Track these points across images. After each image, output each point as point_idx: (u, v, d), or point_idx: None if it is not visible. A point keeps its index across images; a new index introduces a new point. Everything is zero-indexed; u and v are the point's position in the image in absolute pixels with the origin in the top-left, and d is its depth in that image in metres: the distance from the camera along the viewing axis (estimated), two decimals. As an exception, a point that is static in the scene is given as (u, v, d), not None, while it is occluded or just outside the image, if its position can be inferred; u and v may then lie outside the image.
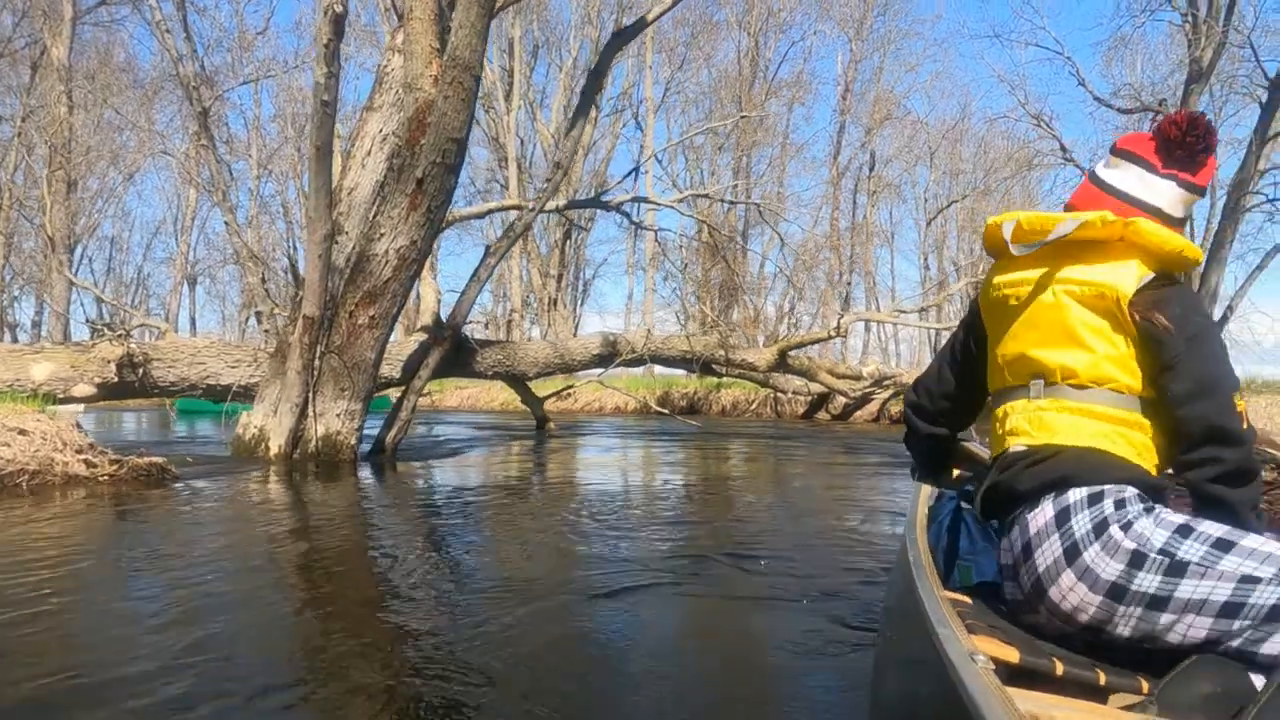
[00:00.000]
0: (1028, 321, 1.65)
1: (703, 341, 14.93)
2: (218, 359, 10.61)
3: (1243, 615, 1.32)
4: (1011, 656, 1.36)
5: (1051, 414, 1.59)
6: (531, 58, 33.30)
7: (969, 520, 1.88)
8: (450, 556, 4.23)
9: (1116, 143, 1.74)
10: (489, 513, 5.93)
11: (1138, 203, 1.66)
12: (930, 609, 1.24)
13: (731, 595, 3.35)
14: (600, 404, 21.97)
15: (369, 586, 3.69)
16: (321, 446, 8.21)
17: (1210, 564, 1.36)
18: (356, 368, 8.15)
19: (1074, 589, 1.45)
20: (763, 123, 33.23)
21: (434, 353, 8.84)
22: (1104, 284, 1.55)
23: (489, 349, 12.86)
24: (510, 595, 3.24)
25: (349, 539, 4.71)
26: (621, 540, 4.56)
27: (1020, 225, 1.66)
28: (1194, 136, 1.63)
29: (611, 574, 3.63)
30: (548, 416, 14.66)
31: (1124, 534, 1.43)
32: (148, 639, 2.63)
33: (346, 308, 8.09)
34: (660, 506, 6.19)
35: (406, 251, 8.04)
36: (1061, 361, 1.59)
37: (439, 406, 24.54)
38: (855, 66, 35.54)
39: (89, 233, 39.17)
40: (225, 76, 26.62)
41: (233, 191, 26.57)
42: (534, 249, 32.38)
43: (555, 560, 4.13)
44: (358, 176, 9.48)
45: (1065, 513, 1.49)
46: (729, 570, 3.75)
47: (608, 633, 2.83)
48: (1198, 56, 27.70)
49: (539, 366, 13.38)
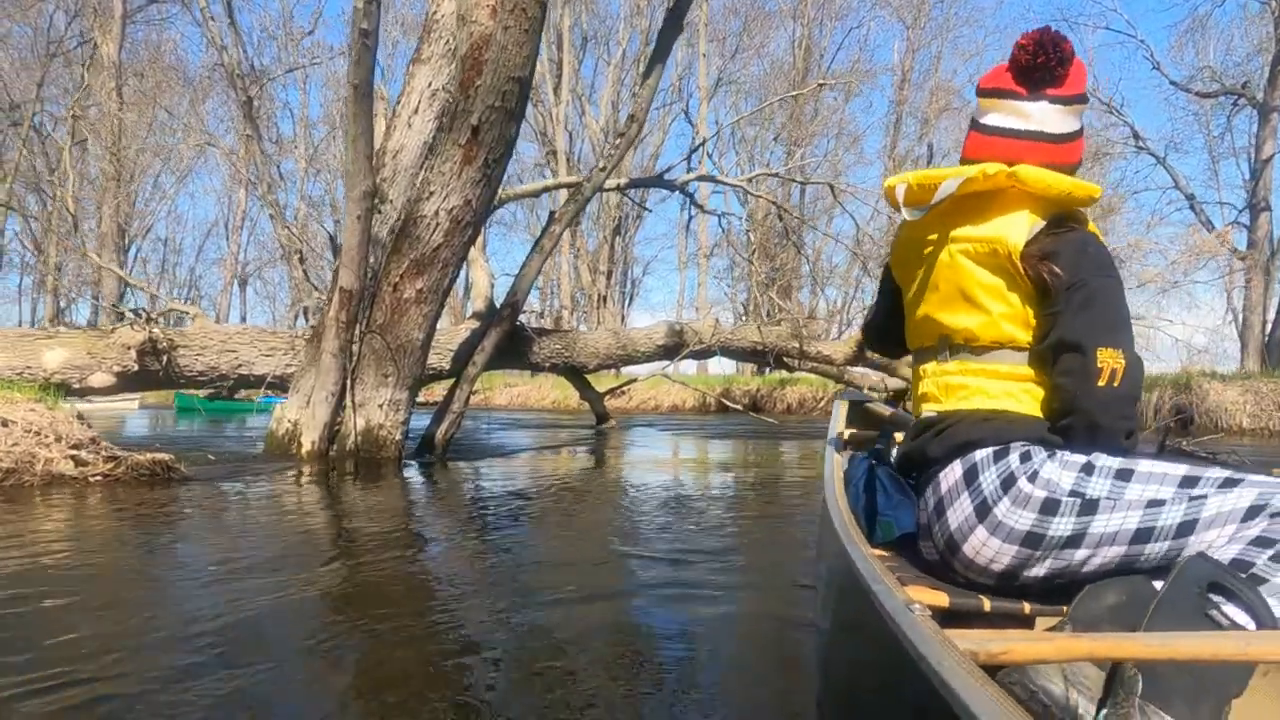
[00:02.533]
0: (930, 284, 1.63)
1: (775, 332, 13.43)
2: (250, 346, 9.39)
3: (1154, 538, 1.35)
4: (942, 601, 1.41)
5: (957, 378, 1.59)
6: (580, 50, 32.07)
7: (883, 478, 1.81)
8: (518, 589, 2.87)
9: (980, 84, 1.67)
10: (556, 521, 4.68)
11: (1023, 134, 1.61)
12: (862, 567, 1.23)
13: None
14: (656, 401, 20.54)
15: (410, 618, 2.40)
16: (362, 442, 6.90)
17: (1117, 495, 1.38)
18: (402, 350, 6.83)
19: (986, 543, 1.46)
20: (817, 114, 31.67)
21: (491, 335, 7.50)
22: (994, 238, 1.52)
23: (546, 338, 11.53)
24: (593, 636, 2.34)
25: (383, 558, 3.36)
26: (726, 573, 3.19)
27: (911, 187, 1.60)
28: (1044, 55, 1.58)
29: (707, 619, 2.49)
30: (608, 413, 13.29)
31: (1032, 484, 1.44)
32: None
33: (390, 280, 6.78)
34: (762, 518, 4.77)
35: (460, 213, 6.70)
36: (962, 324, 1.57)
37: (489, 404, 23.30)
38: (913, 56, 33.85)
39: (143, 234, 38.96)
40: (272, 69, 25.77)
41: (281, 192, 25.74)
42: (582, 244, 31.13)
43: (634, 581, 3.08)
44: (403, 138, 8.18)
45: (973, 470, 1.50)
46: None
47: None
48: (1284, 35, 25.71)
49: (600, 358, 12.02)
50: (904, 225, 1.71)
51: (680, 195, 31.95)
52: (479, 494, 5.77)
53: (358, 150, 6.39)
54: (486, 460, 7.77)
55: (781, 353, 13.39)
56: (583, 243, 31.07)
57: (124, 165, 28.86)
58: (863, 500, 1.84)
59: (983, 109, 1.67)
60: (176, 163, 36.93)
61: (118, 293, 26.23)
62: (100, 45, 28.03)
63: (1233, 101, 28.27)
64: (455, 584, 3.06)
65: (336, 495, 5.44)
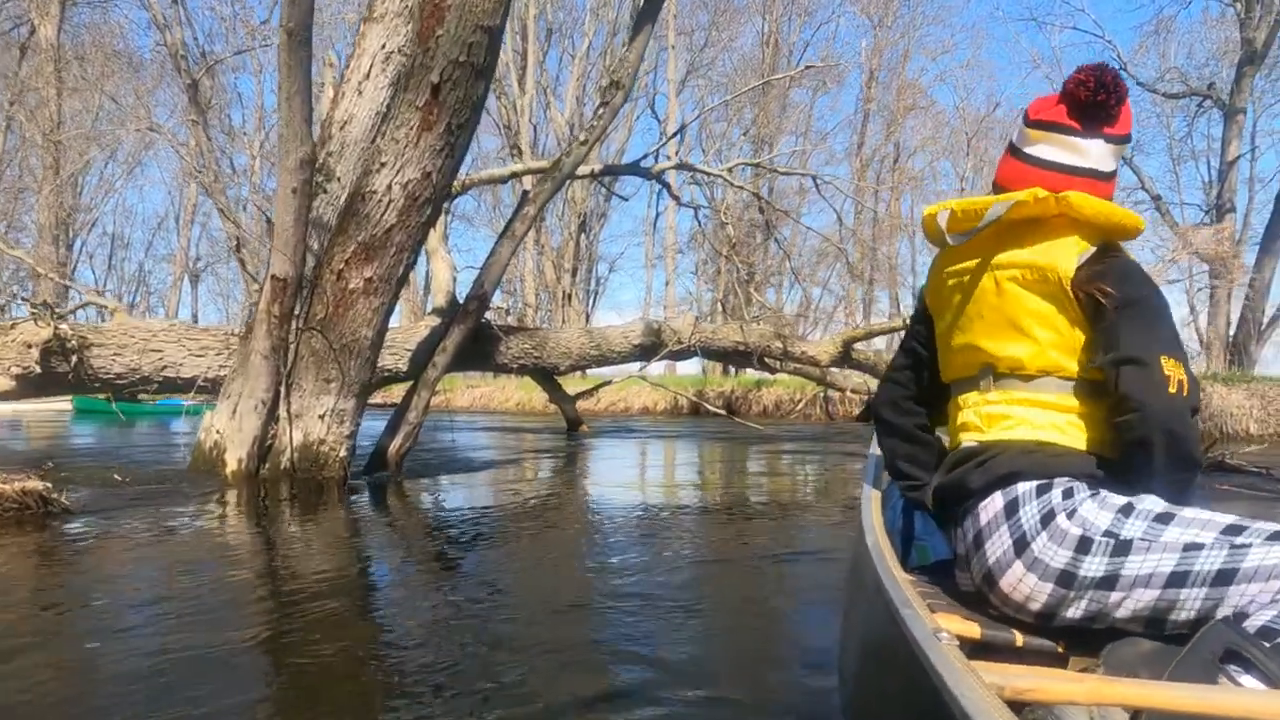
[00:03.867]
0: (972, 311, 1.58)
1: (757, 331, 12.45)
2: (178, 345, 8.13)
3: (1190, 583, 1.29)
4: (973, 632, 1.38)
5: (1000, 407, 1.54)
6: (545, 43, 30.84)
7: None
8: (482, 646, 2.28)
9: (1029, 113, 1.62)
10: (530, 556, 3.69)
11: (1071, 169, 1.56)
12: (892, 590, 1.19)
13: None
14: (626, 403, 19.45)
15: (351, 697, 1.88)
16: (299, 460, 5.73)
17: (1153, 538, 1.33)
18: (347, 350, 5.68)
19: (1024, 579, 1.41)
20: (785, 110, 30.83)
21: (454, 333, 6.36)
22: (1044, 265, 1.48)
23: (514, 337, 10.41)
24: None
25: (314, 612, 2.37)
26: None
27: (955, 214, 1.58)
28: (1104, 93, 1.53)
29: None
30: (580, 418, 12.18)
31: (1069, 521, 1.39)
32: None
33: (333, 267, 5.62)
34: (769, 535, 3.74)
35: (417, 188, 5.57)
36: (1008, 352, 1.53)
37: (450, 406, 21.99)
38: (880, 54, 33.17)
39: (88, 228, 36.91)
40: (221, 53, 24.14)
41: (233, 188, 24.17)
42: (546, 241, 29.93)
43: (623, 631, 2.52)
44: (352, 107, 7.01)
45: (1014, 504, 1.45)
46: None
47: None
48: (1250, 37, 25.45)
49: (573, 359, 10.92)
50: (941, 256, 1.69)
51: (647, 192, 30.92)
52: (438, 523, 4.67)
53: (293, 110, 5.22)
54: (448, 477, 6.64)
55: (764, 353, 12.42)
56: (547, 239, 29.86)
57: (64, 155, 26.98)
58: (900, 523, 1.80)
59: (1032, 139, 1.62)
60: (124, 154, 35.04)
61: (61, 288, 24.44)
62: (39, 28, 26.20)
63: (1198, 103, 28.03)
64: (406, 645, 2.34)
65: (264, 528, 4.31)
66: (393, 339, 9.62)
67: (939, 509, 1.63)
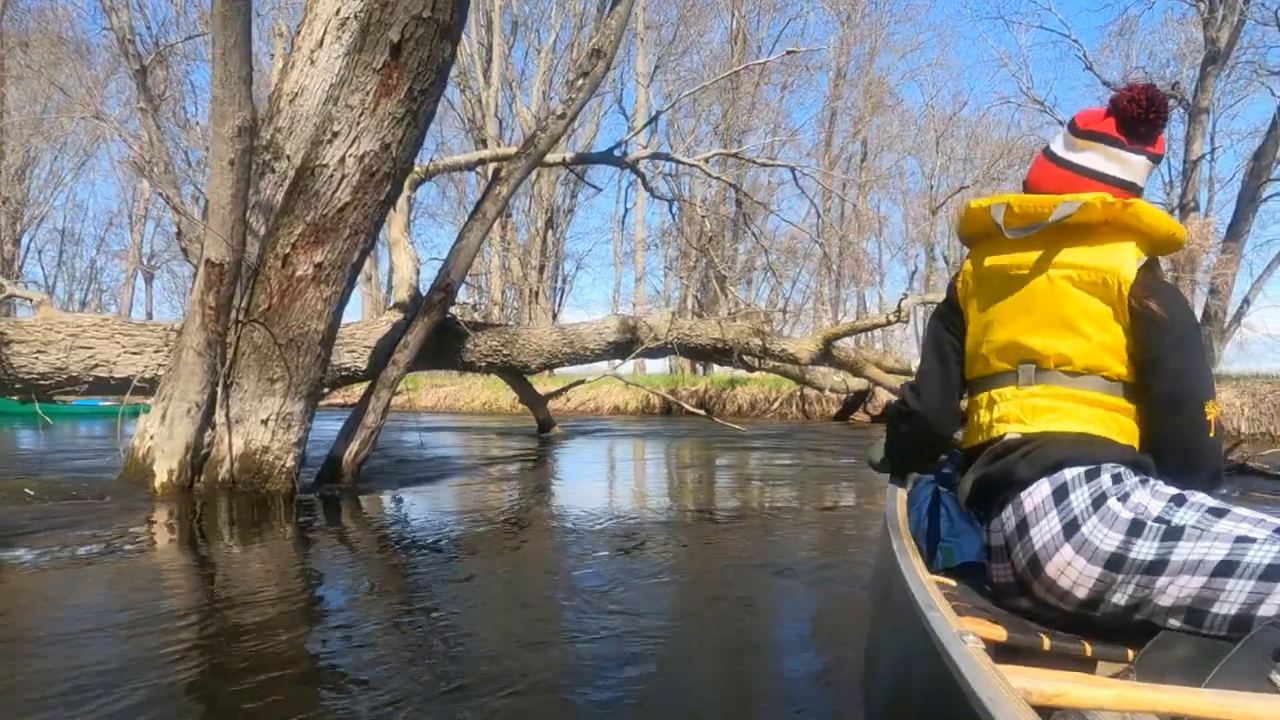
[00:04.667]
0: (1019, 307, 1.58)
1: (736, 328, 11.83)
2: (110, 342, 7.30)
3: (1238, 573, 1.26)
4: (999, 635, 1.36)
5: (1044, 400, 1.53)
6: (510, 36, 29.99)
7: (947, 503, 1.77)
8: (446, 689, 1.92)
9: (1077, 123, 1.64)
10: (501, 580, 3.14)
11: (1113, 180, 1.59)
12: (918, 593, 1.16)
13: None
14: (597, 403, 18.74)
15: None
16: (239, 471, 5.00)
17: (1206, 526, 1.33)
18: (295, 346, 4.96)
19: (1072, 563, 1.39)
20: (754, 107, 30.32)
21: (417, 328, 5.65)
22: (1106, 269, 1.49)
23: (483, 335, 9.68)
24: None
25: (247, 653, 1.74)
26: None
27: (1012, 208, 1.57)
28: (1154, 112, 1.57)
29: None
30: (552, 419, 11.50)
31: (1122, 505, 1.39)
32: None
33: (278, 251, 4.89)
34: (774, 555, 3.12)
35: (375, 161, 4.87)
36: (1057, 349, 1.52)
37: (414, 406, 21.10)
38: (848, 51, 32.80)
39: (36, 223, 35.37)
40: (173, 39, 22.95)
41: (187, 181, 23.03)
42: (513, 237, 29.12)
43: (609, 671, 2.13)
44: (304, 78, 6.29)
45: (1063, 489, 1.44)
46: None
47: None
48: (1214, 36, 25.46)
49: (544, 356, 10.22)
50: (977, 253, 1.67)
51: (616, 189, 30.26)
52: (397, 542, 3.99)
53: (229, 68, 4.49)
54: (411, 489, 5.93)
55: (743, 350, 11.82)
56: (513, 235, 29.04)
57: (6, 145, 25.62)
58: (925, 524, 1.77)
59: (1078, 148, 1.62)
60: (75, 147, 33.56)
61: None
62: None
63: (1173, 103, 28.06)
64: (353, 691, 1.97)
65: (193, 553, 3.62)
66: (351, 335, 8.86)
67: (975, 502, 1.59)
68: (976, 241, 1.69)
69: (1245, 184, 24.92)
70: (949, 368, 1.72)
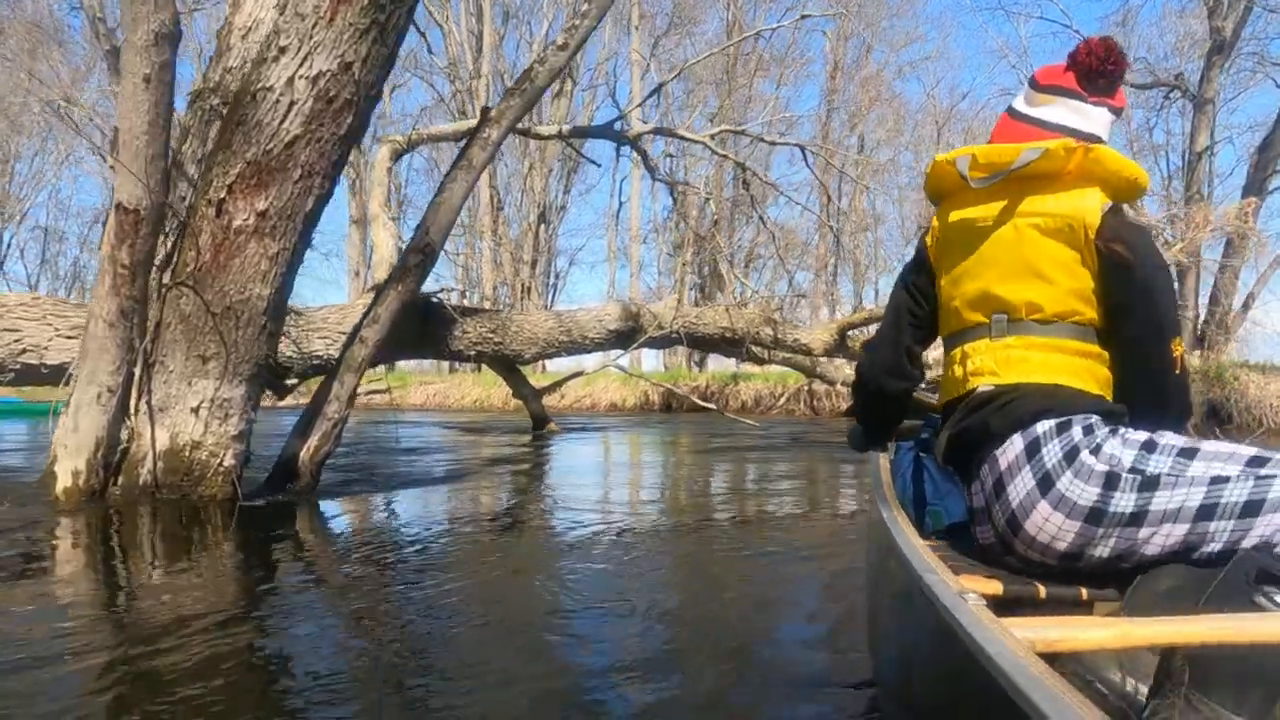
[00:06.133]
0: (987, 258, 1.56)
1: (746, 316, 10.83)
2: (41, 324, 6.25)
3: (1218, 515, 1.27)
4: (996, 589, 1.36)
5: (1018, 351, 1.51)
6: (502, 27, 28.94)
7: (930, 467, 1.76)
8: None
9: (1038, 79, 1.64)
10: (485, 624, 2.09)
11: (1075, 133, 1.57)
12: (914, 558, 1.16)
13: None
14: (593, 399, 17.67)
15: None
16: (163, 472, 3.95)
17: (1180, 472, 1.33)
18: (233, 315, 3.92)
19: (1050, 518, 1.38)
20: (750, 100, 29.35)
21: (388, 297, 4.59)
22: (1070, 214, 1.48)
23: (471, 320, 8.66)
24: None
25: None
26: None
27: (976, 158, 1.55)
28: (1112, 64, 1.57)
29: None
30: (547, 415, 10.47)
31: (1095, 458, 1.37)
32: None
33: (211, 195, 3.86)
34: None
35: (332, 84, 3.84)
36: (1026, 297, 1.51)
37: (400, 405, 19.96)
38: (844, 43, 31.85)
39: (18, 220, 34.11)
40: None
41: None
42: (505, 231, 28.06)
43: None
44: (257, 10, 5.24)
45: (1035, 444, 1.42)
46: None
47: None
48: (1219, 26, 24.70)
49: (539, 345, 9.20)
50: (945, 208, 1.65)
51: (611, 181, 29.23)
52: (364, 561, 2.98)
53: (141, -44, 3.46)
54: (382, 493, 4.88)
55: (754, 340, 10.83)
56: (505, 230, 27.98)
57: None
58: (910, 491, 1.76)
59: (1039, 102, 1.62)
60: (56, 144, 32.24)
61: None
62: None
63: (1164, 95, 27.31)
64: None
65: (95, 579, 2.65)
66: (324, 320, 7.81)
67: (952, 459, 1.58)
68: (944, 197, 1.67)
69: (1251, 176, 24.17)
70: (900, 329, 1.71)
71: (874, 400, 1.78)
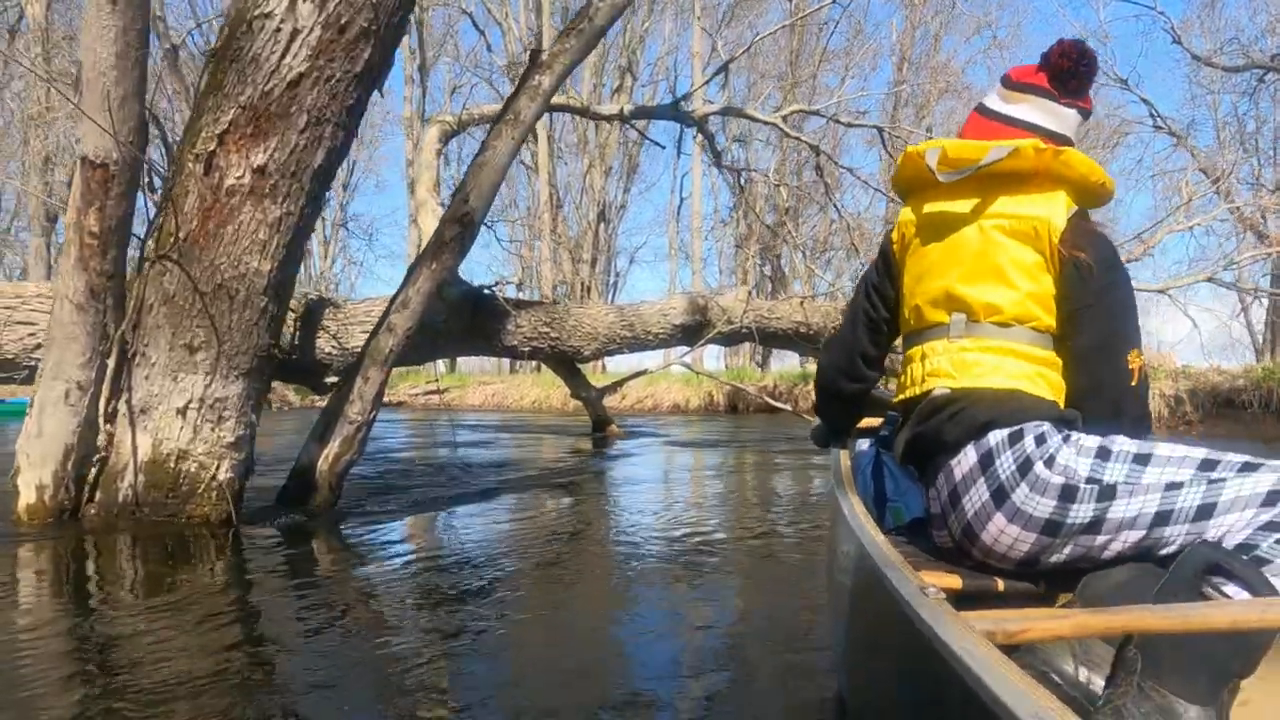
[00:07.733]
0: (950, 257, 1.52)
1: (821, 309, 9.86)
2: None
3: (1173, 520, 1.27)
4: (955, 584, 1.37)
5: (974, 354, 1.47)
6: (561, 23, 28.31)
7: (889, 463, 1.76)
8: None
9: (1011, 77, 1.62)
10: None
11: (1045, 132, 1.56)
12: (875, 553, 1.14)
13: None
14: (655, 400, 16.82)
15: None
16: (144, 487, 3.21)
17: (1135, 480, 1.31)
18: (226, 295, 3.16)
19: (1005, 530, 1.36)
20: (815, 93, 28.19)
21: (422, 277, 3.79)
22: (1036, 218, 1.45)
23: (525, 313, 7.89)
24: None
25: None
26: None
27: (946, 152, 1.50)
28: (1084, 66, 1.56)
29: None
30: (609, 417, 9.65)
31: (1049, 470, 1.34)
32: None
33: (198, 149, 3.11)
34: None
35: (344, 9, 3.06)
36: (986, 298, 1.47)
37: (457, 405, 19.37)
38: (912, 34, 30.46)
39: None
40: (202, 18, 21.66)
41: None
42: (564, 231, 27.41)
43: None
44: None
45: (988, 456, 1.39)
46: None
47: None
48: (1322, 3, 22.79)
49: (598, 341, 8.40)
50: (914, 202, 1.61)
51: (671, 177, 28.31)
52: (393, 601, 2.18)
53: None
54: (414, 514, 4.04)
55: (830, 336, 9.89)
56: (564, 229, 27.34)
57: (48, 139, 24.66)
58: (871, 487, 1.78)
59: (1010, 100, 1.60)
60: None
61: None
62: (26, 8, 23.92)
63: (1259, 77, 25.33)
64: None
65: (58, 624, 1.91)
66: (367, 313, 7.10)
67: (910, 461, 1.57)
68: (913, 192, 1.62)
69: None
70: (857, 329, 1.68)
71: (831, 400, 1.77)
